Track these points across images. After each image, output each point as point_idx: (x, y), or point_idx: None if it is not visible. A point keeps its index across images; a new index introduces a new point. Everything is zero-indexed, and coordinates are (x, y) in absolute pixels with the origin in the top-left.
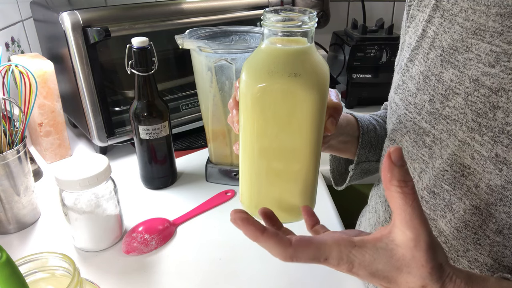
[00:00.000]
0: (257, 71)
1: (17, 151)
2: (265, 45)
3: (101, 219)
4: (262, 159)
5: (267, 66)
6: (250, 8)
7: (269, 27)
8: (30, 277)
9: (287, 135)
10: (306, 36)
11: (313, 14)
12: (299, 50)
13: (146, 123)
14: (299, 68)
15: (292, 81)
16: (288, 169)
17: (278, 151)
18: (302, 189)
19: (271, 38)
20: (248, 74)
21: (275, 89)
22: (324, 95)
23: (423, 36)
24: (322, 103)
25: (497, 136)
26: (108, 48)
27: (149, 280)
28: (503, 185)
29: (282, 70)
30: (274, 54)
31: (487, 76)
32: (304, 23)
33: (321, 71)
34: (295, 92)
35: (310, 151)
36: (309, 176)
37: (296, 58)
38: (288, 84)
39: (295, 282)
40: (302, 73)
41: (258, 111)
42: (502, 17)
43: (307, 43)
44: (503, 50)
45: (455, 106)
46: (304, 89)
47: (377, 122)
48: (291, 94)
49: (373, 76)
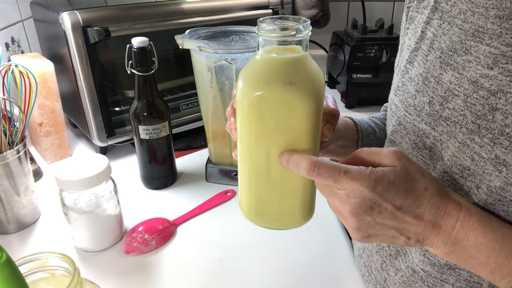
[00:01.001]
0: (253, 80)
1: (17, 151)
2: (260, 54)
3: (101, 219)
4: (260, 166)
5: (263, 75)
6: (250, 8)
7: (264, 37)
8: (30, 277)
9: (284, 143)
10: (300, 45)
11: (307, 23)
12: (294, 59)
13: (146, 123)
14: (294, 77)
15: (288, 89)
16: (286, 175)
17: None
18: (300, 195)
19: (266, 47)
20: (244, 83)
21: (271, 97)
22: (320, 102)
23: (422, 38)
24: (317, 111)
25: (496, 138)
26: (108, 48)
27: (149, 280)
28: (502, 187)
29: (278, 79)
30: (269, 63)
31: (486, 78)
32: (298, 32)
33: (316, 79)
34: (290, 100)
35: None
36: (307, 181)
37: (291, 67)
38: (284, 92)
39: (295, 282)
40: (297, 82)
41: (254, 120)
42: (501, 19)
43: (302, 51)
44: (501, 52)
45: (455, 108)
46: (299, 97)
47: (376, 125)
48: (287, 103)
49: (373, 76)
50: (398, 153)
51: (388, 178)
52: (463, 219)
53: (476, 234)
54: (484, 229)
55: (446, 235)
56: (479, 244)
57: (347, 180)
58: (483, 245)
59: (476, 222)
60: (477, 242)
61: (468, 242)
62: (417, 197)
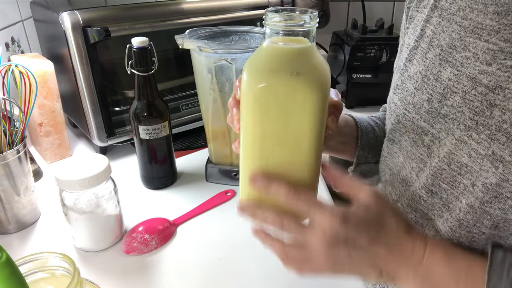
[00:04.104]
0: (259, 70)
1: (17, 151)
2: (266, 45)
3: (101, 219)
4: (263, 158)
5: (269, 65)
6: (250, 8)
7: (271, 26)
8: (30, 277)
9: (289, 134)
10: (307, 36)
11: (315, 14)
12: (301, 49)
13: (146, 123)
14: (301, 67)
15: (295, 79)
16: (290, 167)
17: (280, 149)
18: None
19: (273, 37)
20: (250, 73)
21: (277, 87)
22: (326, 93)
23: (421, 36)
24: (324, 101)
25: (493, 134)
26: (108, 48)
27: (149, 280)
28: (498, 183)
29: (284, 68)
30: (276, 53)
31: (484, 74)
32: (306, 23)
33: (323, 70)
34: (297, 90)
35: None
36: (311, 173)
37: (298, 57)
38: (291, 82)
39: (294, 281)
40: (305, 72)
41: (260, 110)
42: (499, 15)
43: (309, 43)
44: (499, 48)
45: (453, 104)
46: (306, 87)
47: (375, 124)
48: (293, 93)
49: (373, 76)
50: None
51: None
52: (429, 253)
53: (442, 266)
54: (449, 261)
55: (415, 269)
56: (446, 276)
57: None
58: (450, 276)
59: (441, 255)
60: (444, 273)
61: (435, 274)
62: (387, 232)
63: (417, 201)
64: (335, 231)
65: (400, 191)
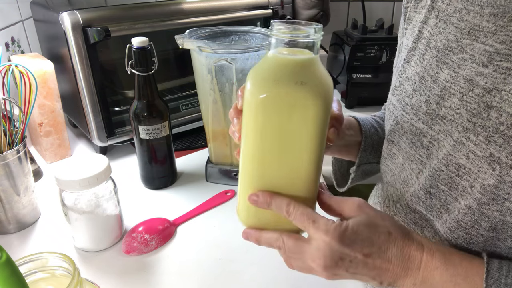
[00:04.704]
0: (264, 79)
1: (17, 151)
2: (271, 54)
3: (101, 219)
4: (263, 167)
5: (273, 74)
6: (250, 8)
7: (277, 36)
8: (30, 277)
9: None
10: (312, 49)
11: (320, 27)
12: (306, 60)
13: (146, 123)
14: (306, 77)
15: (299, 88)
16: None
17: (280, 159)
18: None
19: (278, 48)
20: (254, 82)
21: (280, 97)
22: (329, 105)
23: (419, 37)
24: (326, 112)
25: (491, 135)
26: (108, 48)
27: (149, 280)
28: (495, 185)
29: (289, 78)
30: (281, 63)
31: (481, 76)
32: (311, 34)
33: (327, 81)
34: (300, 100)
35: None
36: (311, 185)
37: (303, 68)
38: (295, 91)
39: (294, 282)
40: (308, 82)
41: (262, 119)
42: (495, 17)
43: (313, 55)
44: (496, 50)
45: (451, 106)
46: (310, 97)
47: (378, 125)
48: (297, 102)
49: (373, 76)
50: (360, 203)
51: (352, 229)
52: (426, 259)
53: (440, 272)
54: (446, 266)
55: (414, 276)
56: (444, 281)
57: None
58: (448, 282)
59: (438, 261)
60: (442, 279)
61: (434, 280)
62: (382, 242)
63: (416, 202)
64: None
65: (401, 192)
